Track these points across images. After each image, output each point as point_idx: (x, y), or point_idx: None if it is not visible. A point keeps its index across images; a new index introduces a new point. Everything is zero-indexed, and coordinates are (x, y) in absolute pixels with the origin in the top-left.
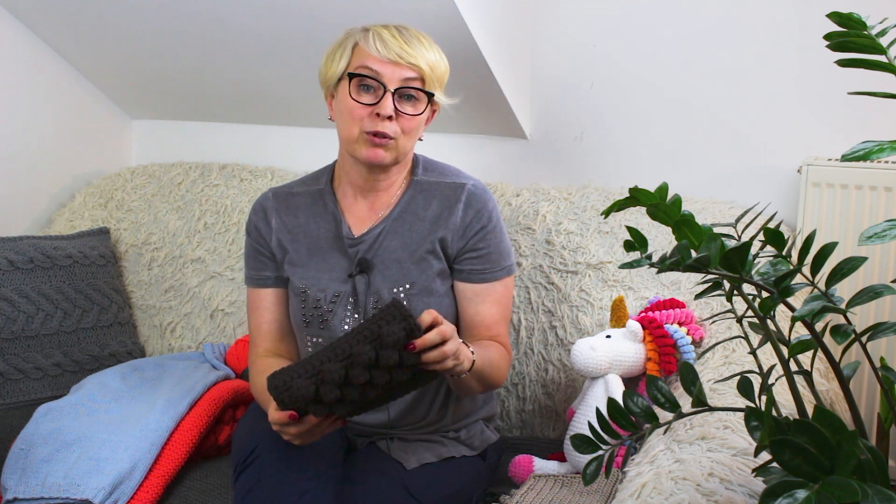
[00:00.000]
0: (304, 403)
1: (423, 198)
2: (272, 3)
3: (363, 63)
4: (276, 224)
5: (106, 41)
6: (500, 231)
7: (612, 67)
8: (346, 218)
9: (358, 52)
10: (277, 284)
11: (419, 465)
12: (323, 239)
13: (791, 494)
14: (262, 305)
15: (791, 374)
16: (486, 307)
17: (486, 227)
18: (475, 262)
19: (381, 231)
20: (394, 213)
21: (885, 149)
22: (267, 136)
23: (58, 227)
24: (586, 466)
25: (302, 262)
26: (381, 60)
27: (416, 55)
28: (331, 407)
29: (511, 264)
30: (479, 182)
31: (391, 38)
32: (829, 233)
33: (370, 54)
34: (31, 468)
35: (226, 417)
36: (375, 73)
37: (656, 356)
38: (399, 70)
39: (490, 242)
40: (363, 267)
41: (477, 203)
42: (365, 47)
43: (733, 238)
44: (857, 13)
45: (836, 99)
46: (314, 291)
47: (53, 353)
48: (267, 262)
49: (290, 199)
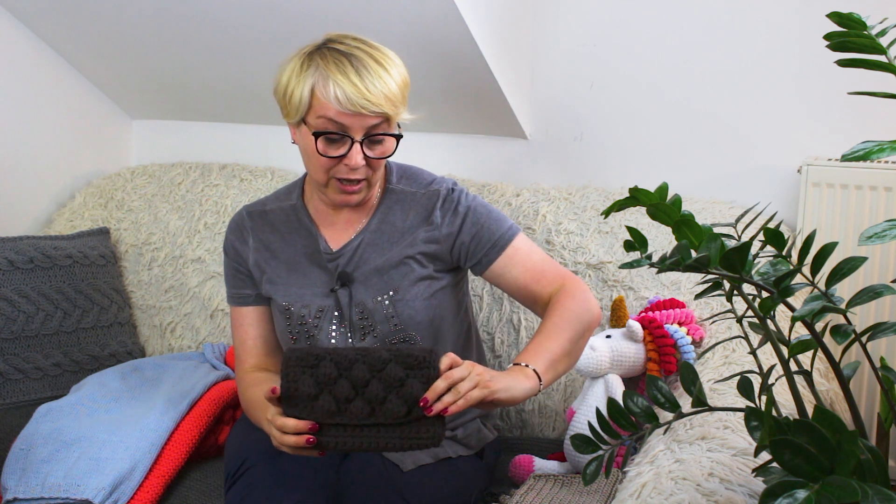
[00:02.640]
0: (305, 364)
1: (400, 208)
2: (272, 4)
3: (325, 114)
4: (253, 243)
5: (106, 41)
6: (483, 206)
7: (612, 67)
8: (322, 232)
9: (317, 99)
10: (259, 302)
11: (415, 466)
12: (301, 255)
13: (791, 494)
14: (245, 322)
15: (791, 374)
16: (518, 270)
17: (468, 213)
18: (479, 247)
19: (360, 243)
20: (371, 224)
21: (885, 149)
22: (267, 136)
23: (58, 227)
24: (586, 466)
25: (282, 280)
26: (343, 112)
27: (377, 100)
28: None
29: (511, 225)
30: (449, 181)
31: (350, 87)
32: (829, 233)
33: (330, 105)
34: (31, 468)
35: (226, 417)
36: (340, 127)
37: (656, 356)
38: (363, 119)
39: (479, 218)
40: (344, 280)
41: (451, 200)
42: (324, 98)
43: (733, 238)
44: (857, 13)
45: (836, 99)
46: (298, 308)
47: (53, 353)
48: (246, 281)
49: (264, 217)
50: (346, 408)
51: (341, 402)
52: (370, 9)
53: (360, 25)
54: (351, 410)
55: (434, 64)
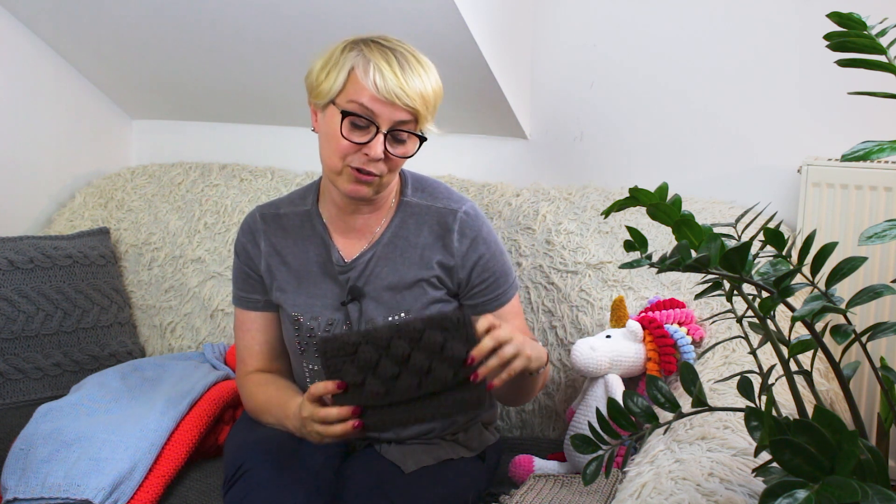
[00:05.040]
0: (344, 354)
1: (414, 223)
2: (272, 4)
3: (357, 98)
4: (265, 247)
5: (106, 41)
6: (500, 252)
7: (612, 67)
8: (335, 241)
9: (353, 82)
10: (267, 308)
11: (417, 468)
12: (313, 264)
13: (791, 494)
14: (252, 327)
15: (791, 374)
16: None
17: (484, 256)
18: (485, 294)
19: (372, 256)
20: (384, 237)
21: (885, 149)
22: (267, 136)
23: (58, 227)
24: (586, 466)
25: (292, 289)
26: (377, 98)
27: (414, 95)
28: (364, 373)
29: (514, 279)
30: (471, 205)
31: (391, 75)
32: (829, 233)
33: (366, 88)
34: (31, 468)
35: (226, 417)
36: (369, 113)
37: (656, 356)
38: (394, 111)
39: (493, 269)
40: (355, 295)
41: (471, 231)
42: (362, 79)
43: (733, 238)
44: (857, 13)
45: (836, 99)
46: (307, 319)
47: (53, 353)
48: (256, 286)
49: (278, 221)
50: (394, 385)
51: (388, 382)
52: (370, 9)
53: (361, 25)
54: (399, 387)
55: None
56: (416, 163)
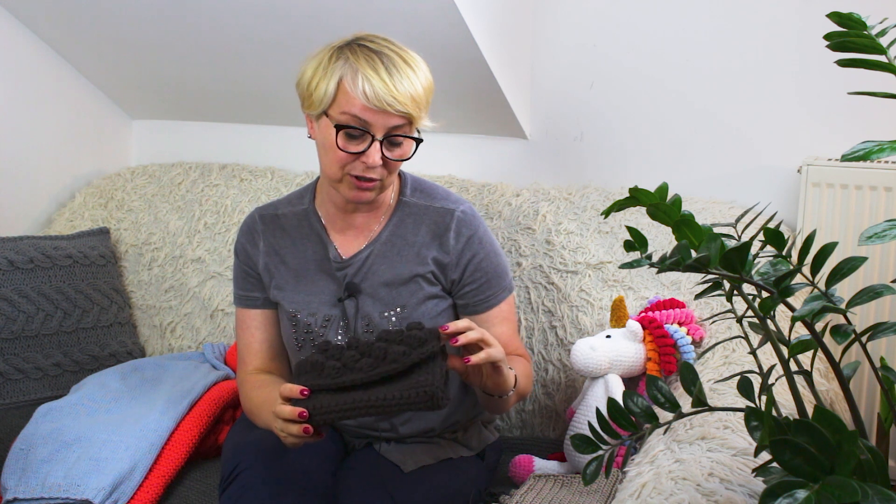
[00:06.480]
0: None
1: (412, 222)
2: (272, 4)
3: (349, 109)
4: (263, 247)
5: (106, 41)
6: (495, 254)
7: (612, 67)
8: (333, 238)
9: (343, 93)
10: (267, 306)
11: (417, 467)
12: (310, 262)
13: (791, 494)
14: (252, 325)
15: (791, 374)
16: (496, 329)
17: (478, 255)
18: (476, 294)
19: (370, 254)
20: (382, 236)
21: (885, 149)
22: (267, 136)
23: (58, 227)
24: (586, 466)
25: (290, 286)
26: (368, 108)
27: (404, 99)
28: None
29: (509, 281)
30: (469, 206)
31: (379, 82)
32: (829, 233)
33: (356, 99)
34: (31, 468)
35: (226, 417)
36: (363, 123)
37: (656, 356)
38: (387, 118)
39: (486, 270)
40: (351, 291)
41: (467, 230)
42: (352, 91)
43: (733, 238)
44: (857, 13)
45: (836, 99)
46: (304, 315)
47: (53, 353)
48: (255, 284)
49: (276, 221)
50: (353, 366)
51: (348, 363)
52: (370, 9)
53: (360, 25)
54: (357, 367)
55: (434, 64)
56: (416, 163)
